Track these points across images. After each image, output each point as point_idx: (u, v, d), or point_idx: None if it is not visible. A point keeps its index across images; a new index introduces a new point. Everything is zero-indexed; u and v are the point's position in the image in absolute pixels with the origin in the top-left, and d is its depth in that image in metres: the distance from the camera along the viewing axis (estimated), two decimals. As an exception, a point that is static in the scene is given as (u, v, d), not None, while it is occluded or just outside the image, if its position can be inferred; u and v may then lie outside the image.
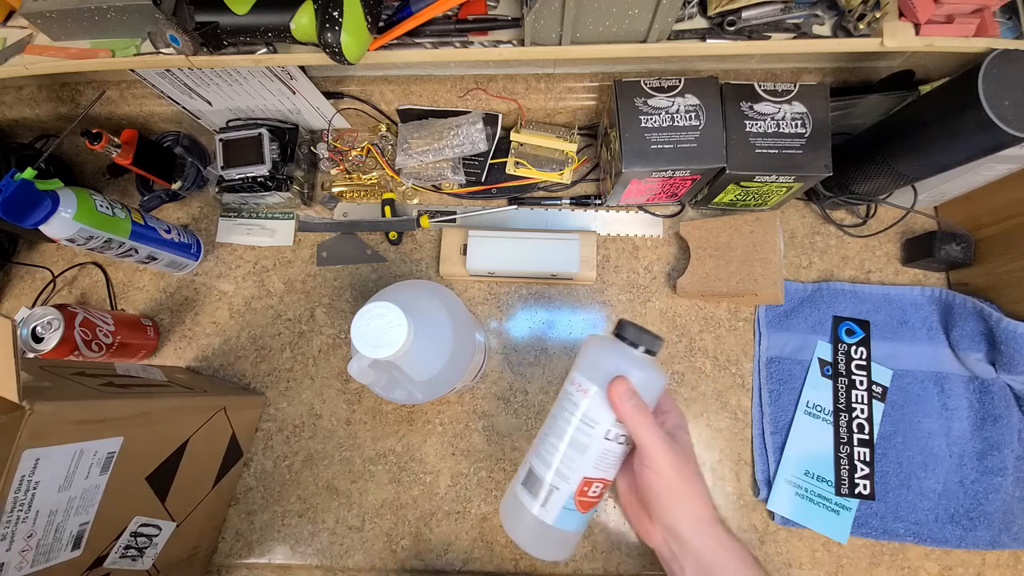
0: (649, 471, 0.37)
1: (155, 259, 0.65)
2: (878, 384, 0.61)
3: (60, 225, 0.53)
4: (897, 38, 0.46)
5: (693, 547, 0.36)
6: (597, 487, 0.40)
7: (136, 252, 0.62)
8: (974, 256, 0.62)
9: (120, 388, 0.46)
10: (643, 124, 0.55)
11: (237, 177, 0.64)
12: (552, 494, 0.40)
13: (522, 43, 0.49)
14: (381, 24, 0.48)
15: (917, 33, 0.46)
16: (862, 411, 0.60)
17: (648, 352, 0.41)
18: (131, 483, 0.45)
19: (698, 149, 0.55)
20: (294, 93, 0.63)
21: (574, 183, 0.70)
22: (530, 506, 0.40)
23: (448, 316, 0.48)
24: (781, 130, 0.56)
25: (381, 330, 0.41)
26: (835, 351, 0.62)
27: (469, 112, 0.67)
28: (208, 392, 0.58)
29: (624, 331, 0.41)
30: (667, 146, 0.55)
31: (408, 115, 0.69)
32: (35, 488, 0.37)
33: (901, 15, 0.46)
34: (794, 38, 0.48)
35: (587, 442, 0.39)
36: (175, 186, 0.69)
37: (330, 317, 0.67)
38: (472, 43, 0.50)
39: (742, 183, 0.58)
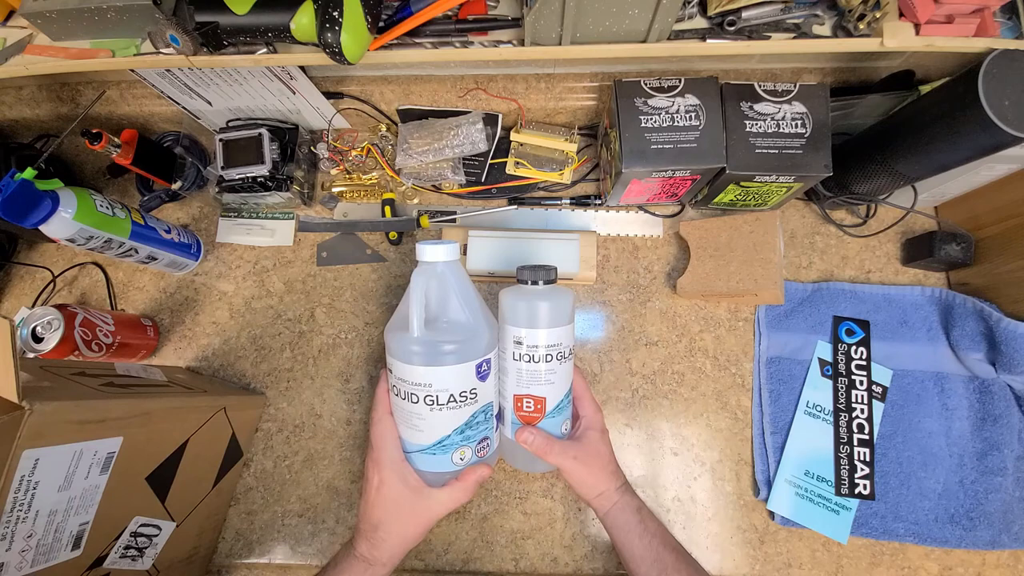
0: (568, 475, 0.52)
1: (155, 259, 0.65)
2: (878, 384, 0.61)
3: (60, 225, 0.53)
4: (897, 38, 0.46)
5: (600, 508, 0.53)
6: (529, 403, 0.51)
7: (136, 252, 0.62)
8: (974, 256, 0.62)
9: (120, 388, 0.46)
10: (643, 124, 0.55)
11: (237, 177, 0.64)
12: (504, 414, 0.53)
13: (522, 43, 0.49)
14: (381, 24, 0.48)
15: (917, 33, 0.46)
16: (862, 411, 0.60)
17: (547, 283, 0.50)
18: (131, 483, 0.45)
19: (698, 149, 0.55)
20: (294, 93, 0.63)
21: (574, 183, 0.70)
22: (503, 432, 0.53)
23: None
24: (781, 130, 0.56)
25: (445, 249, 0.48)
26: (835, 351, 0.62)
27: (469, 112, 0.67)
28: (208, 392, 0.58)
29: (521, 275, 0.51)
30: (667, 146, 0.55)
31: (408, 115, 0.69)
32: (35, 488, 0.37)
33: (901, 15, 0.46)
34: (794, 38, 0.48)
35: (507, 366, 0.51)
36: (175, 186, 0.69)
37: (330, 317, 0.67)
38: (472, 43, 0.50)
39: (742, 183, 0.58)
